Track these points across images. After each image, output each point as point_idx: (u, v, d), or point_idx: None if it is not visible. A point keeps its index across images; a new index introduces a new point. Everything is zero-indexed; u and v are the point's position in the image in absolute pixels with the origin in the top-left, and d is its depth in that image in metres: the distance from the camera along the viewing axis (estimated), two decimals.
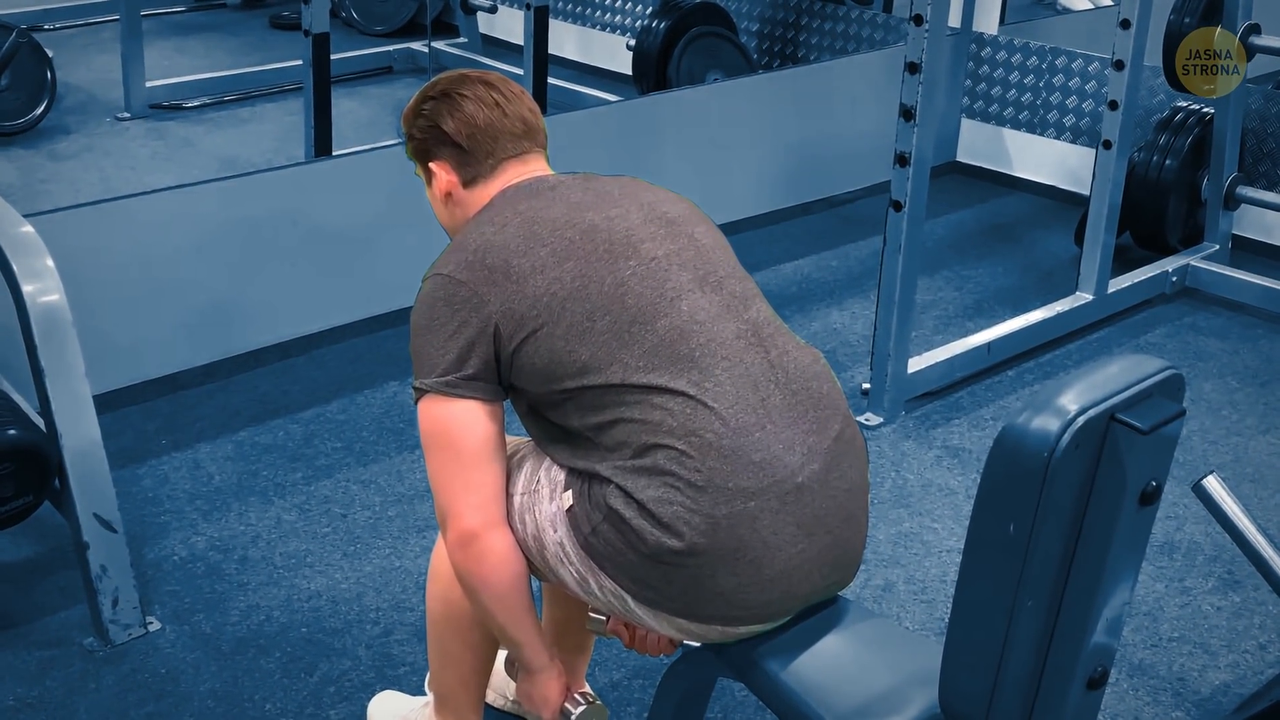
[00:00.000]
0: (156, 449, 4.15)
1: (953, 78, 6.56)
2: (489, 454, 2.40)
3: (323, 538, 3.76)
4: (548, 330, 2.34)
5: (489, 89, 2.61)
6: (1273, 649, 3.44)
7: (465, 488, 2.40)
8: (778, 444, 2.31)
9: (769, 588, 2.31)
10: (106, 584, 3.28)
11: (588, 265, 2.38)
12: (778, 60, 7.13)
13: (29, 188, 5.70)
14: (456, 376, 2.36)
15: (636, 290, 2.37)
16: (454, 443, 2.39)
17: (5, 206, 3.35)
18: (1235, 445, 4.37)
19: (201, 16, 8.50)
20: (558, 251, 2.39)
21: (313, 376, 4.61)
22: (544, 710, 2.60)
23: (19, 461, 3.14)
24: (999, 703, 2.03)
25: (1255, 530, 2.98)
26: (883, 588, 3.62)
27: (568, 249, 2.39)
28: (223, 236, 4.47)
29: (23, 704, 3.13)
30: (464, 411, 2.38)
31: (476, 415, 2.39)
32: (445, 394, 2.37)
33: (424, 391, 2.40)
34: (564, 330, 2.34)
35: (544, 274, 2.36)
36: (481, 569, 2.40)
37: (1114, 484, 1.91)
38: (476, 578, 2.42)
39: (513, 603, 2.45)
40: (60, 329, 3.19)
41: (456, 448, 2.39)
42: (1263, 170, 5.76)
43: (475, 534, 2.39)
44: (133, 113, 6.68)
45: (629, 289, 2.37)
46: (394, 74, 7.64)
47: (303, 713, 3.13)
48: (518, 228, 2.43)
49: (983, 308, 5.28)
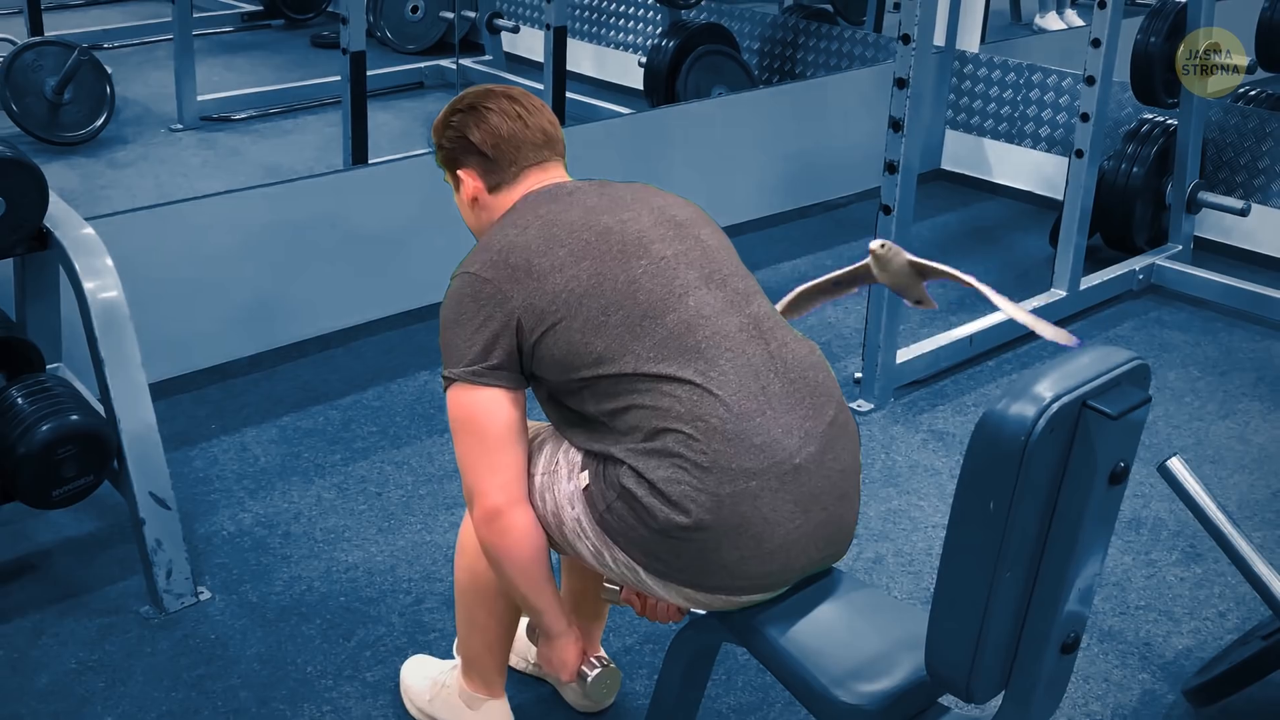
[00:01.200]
0: (207, 433, 4.16)
1: (938, 92, 6.54)
2: (512, 437, 2.41)
3: (359, 514, 3.76)
4: (566, 324, 2.34)
5: (512, 102, 2.61)
6: (1231, 616, 3.43)
7: (490, 469, 2.40)
8: (777, 428, 2.32)
9: (769, 560, 2.32)
10: (161, 557, 3.29)
11: (602, 264, 2.38)
12: (777, 76, 7.11)
13: (90, 193, 5.70)
14: (482, 366, 2.37)
15: (647, 287, 2.37)
16: (480, 427, 2.40)
17: (68, 210, 3.35)
18: (1197, 430, 4.36)
19: (248, 36, 8.49)
20: (575, 252, 2.39)
21: (350, 366, 4.61)
22: (562, 672, 2.61)
23: (81, 444, 3.14)
24: (980, 665, 2.03)
25: (1215, 507, 2.97)
26: (873, 560, 3.62)
27: (584, 249, 2.39)
28: (268, 238, 4.47)
29: (84, 666, 3.14)
30: (489, 398, 2.39)
31: (501, 402, 2.39)
32: (472, 382, 2.38)
33: (452, 380, 2.40)
34: (580, 324, 2.34)
35: (562, 272, 2.37)
36: (505, 543, 2.41)
37: (1085, 465, 1.91)
38: (501, 550, 2.43)
39: (534, 573, 2.46)
40: (119, 323, 3.19)
41: (482, 432, 2.40)
42: (1222, 177, 5.75)
43: (500, 511, 2.40)
44: (185, 124, 6.67)
45: (640, 286, 2.37)
46: (425, 89, 7.63)
47: (341, 674, 3.13)
48: (538, 230, 2.43)
49: (965, 303, 5.27)
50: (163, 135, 6.64)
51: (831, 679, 2.24)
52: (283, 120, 6.97)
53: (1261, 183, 5.66)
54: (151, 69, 7.39)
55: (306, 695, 3.06)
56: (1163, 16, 5.32)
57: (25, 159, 3.20)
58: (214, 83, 7.07)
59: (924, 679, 2.18)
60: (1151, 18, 5.37)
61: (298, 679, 3.12)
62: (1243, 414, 4.48)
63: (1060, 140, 6.28)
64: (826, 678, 2.25)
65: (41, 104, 6.20)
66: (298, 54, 8.21)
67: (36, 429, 3.09)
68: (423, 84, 7.67)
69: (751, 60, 7.12)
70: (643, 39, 7.54)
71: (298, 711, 3.01)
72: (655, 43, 6.96)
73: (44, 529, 3.64)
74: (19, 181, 3.17)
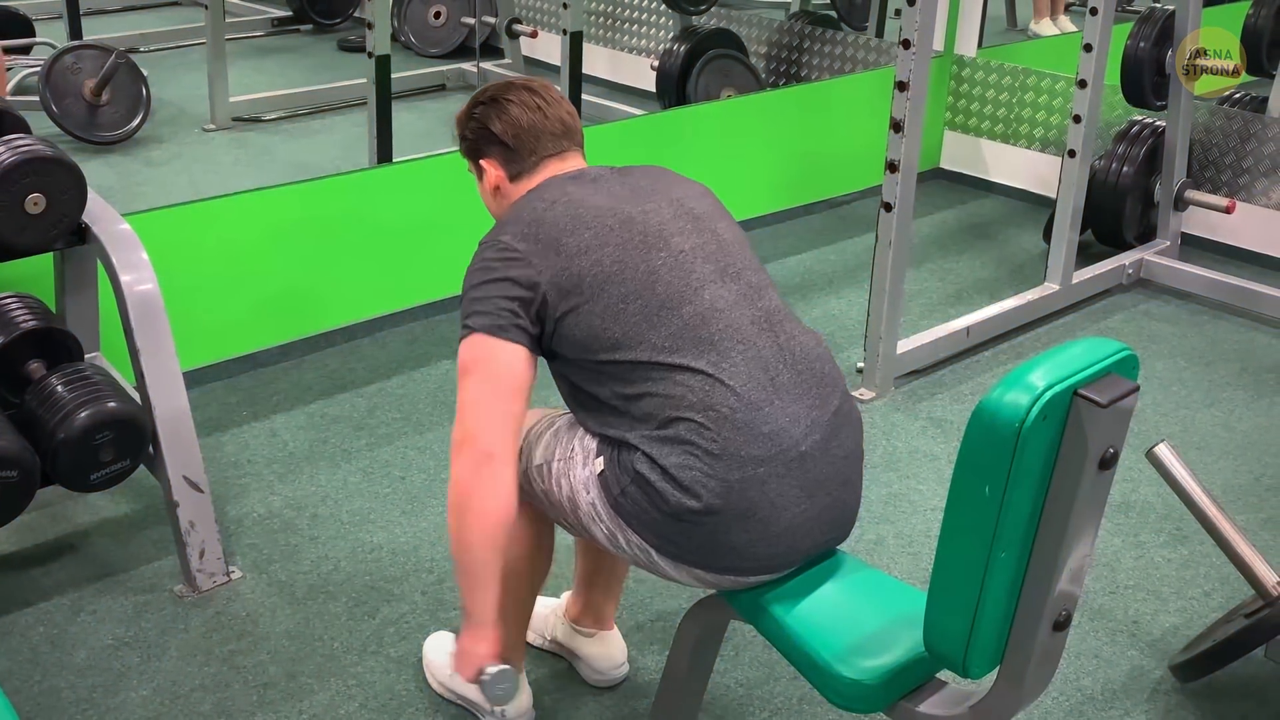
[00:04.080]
0: (238, 419, 4.16)
1: (936, 95, 6.53)
2: (520, 393, 2.35)
3: (384, 497, 3.76)
4: (588, 308, 2.34)
5: (531, 94, 2.61)
6: (1216, 596, 3.43)
7: (496, 415, 2.33)
8: (784, 417, 2.31)
9: (776, 542, 2.32)
10: (194, 538, 3.29)
11: (624, 252, 2.37)
12: (783, 79, 7.10)
13: (127, 190, 5.70)
14: (507, 322, 2.33)
15: (666, 279, 2.37)
16: (495, 374, 2.34)
17: (106, 206, 3.35)
18: (1183, 417, 4.35)
19: (278, 40, 8.49)
20: (600, 235, 2.38)
21: (375, 356, 4.61)
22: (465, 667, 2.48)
23: (118, 430, 3.14)
24: (976, 642, 2.03)
25: (1201, 492, 2.97)
26: (875, 542, 3.61)
27: (608, 235, 2.39)
28: (297, 233, 4.47)
29: (120, 643, 3.14)
30: (509, 350, 2.34)
31: (518, 357, 2.34)
32: (492, 334, 2.33)
33: (473, 329, 2.35)
34: (601, 309, 2.34)
35: (588, 255, 2.36)
36: (486, 490, 2.31)
37: (1076, 451, 1.91)
38: (477, 499, 2.32)
39: (497, 538, 2.35)
40: (154, 314, 3.19)
41: (496, 379, 2.34)
42: (1208, 176, 5.73)
43: (492, 456, 2.31)
44: (218, 124, 6.68)
45: (659, 277, 2.37)
46: (447, 91, 7.63)
47: (366, 650, 3.13)
48: (565, 208, 2.42)
49: (963, 296, 5.26)
50: (196, 135, 6.64)
51: (834, 655, 2.24)
52: (311, 120, 6.97)
53: (1246, 181, 5.65)
54: (185, 72, 7.39)
55: (333, 670, 3.07)
56: (1152, 22, 5.33)
57: (65, 158, 3.20)
58: (245, 85, 7.07)
59: (922, 655, 2.18)
60: (1141, 24, 5.38)
61: (324, 654, 3.12)
62: (1227, 402, 4.47)
63: (1053, 141, 6.27)
64: (829, 653, 2.24)
65: (80, 105, 6.21)
66: (325, 57, 8.22)
67: (75, 415, 3.09)
68: (445, 86, 7.67)
69: (759, 64, 7.11)
70: (655, 43, 7.53)
71: (324, 685, 3.02)
72: (667, 47, 6.96)
73: (83, 511, 3.64)
74: (59, 179, 3.17)
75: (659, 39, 7.50)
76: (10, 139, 3.19)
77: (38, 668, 3.05)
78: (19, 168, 3.10)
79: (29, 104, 6.07)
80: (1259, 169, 5.60)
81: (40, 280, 3.63)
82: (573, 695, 3.01)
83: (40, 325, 3.35)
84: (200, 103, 6.75)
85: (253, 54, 8.14)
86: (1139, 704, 3.04)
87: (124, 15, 8.82)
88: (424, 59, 7.92)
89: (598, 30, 7.86)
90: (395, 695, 2.99)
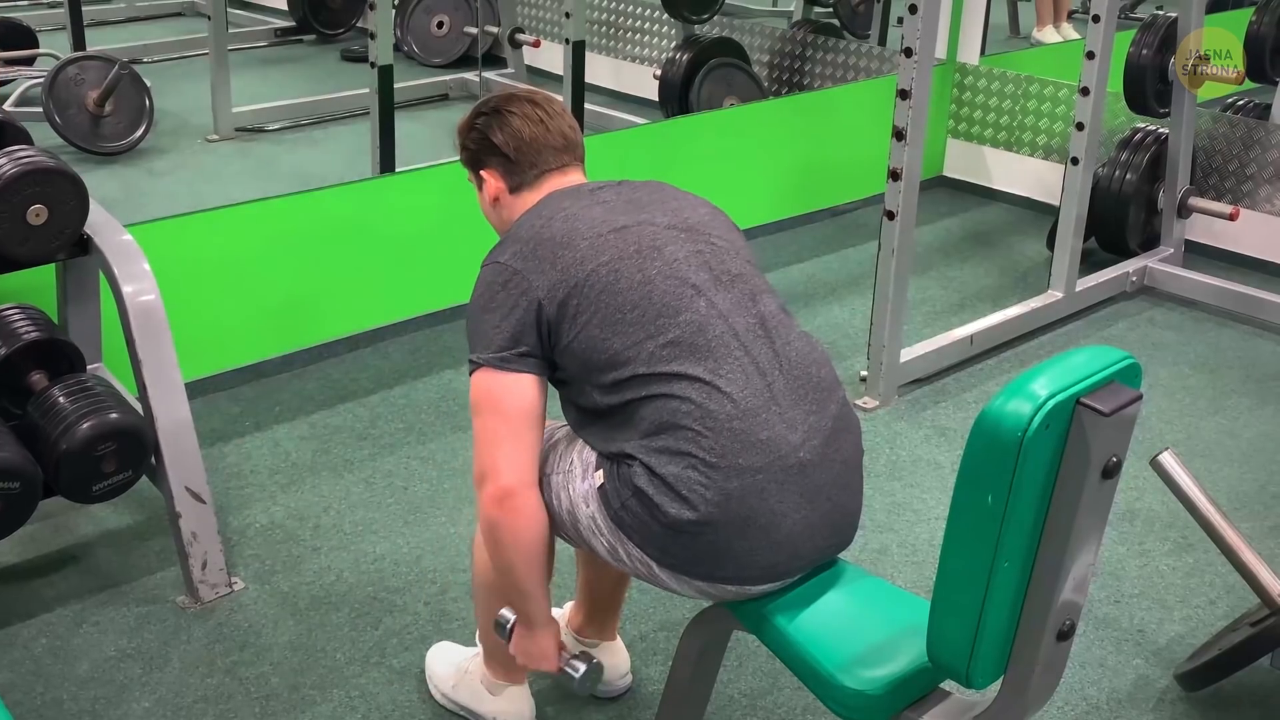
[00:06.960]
0: (240, 429, 4.15)
1: (939, 103, 6.53)
2: (533, 421, 2.38)
3: (386, 507, 3.75)
4: (585, 319, 2.34)
5: (534, 107, 2.62)
6: (1221, 604, 3.42)
7: (509, 449, 2.37)
8: (782, 424, 2.31)
9: (777, 550, 2.31)
10: (196, 549, 3.28)
11: (620, 263, 2.37)
12: (785, 88, 7.10)
13: (130, 200, 5.70)
14: (510, 353, 2.36)
15: (661, 287, 2.36)
16: (502, 409, 2.37)
17: (108, 217, 3.35)
18: (1188, 425, 4.34)
19: (281, 50, 8.49)
20: (595, 246, 2.38)
21: (377, 365, 4.61)
22: (543, 663, 2.57)
23: (120, 441, 3.14)
24: (979, 652, 2.02)
25: (1206, 500, 2.96)
26: (878, 551, 3.61)
27: (603, 246, 2.39)
28: (299, 243, 4.47)
29: (123, 654, 3.13)
30: (515, 382, 2.37)
31: (524, 387, 2.37)
32: (498, 367, 2.36)
33: (479, 364, 2.38)
34: (599, 320, 2.33)
35: (583, 266, 2.36)
36: (515, 523, 2.38)
37: (1080, 459, 1.90)
38: (509, 531, 2.39)
39: (535, 557, 2.43)
40: (156, 324, 3.19)
41: (504, 414, 2.37)
42: (1211, 183, 5.72)
43: (513, 491, 2.36)
44: (221, 135, 6.68)
45: (655, 286, 2.36)
46: (449, 100, 7.63)
47: (369, 661, 3.13)
48: (561, 223, 2.43)
49: (966, 304, 5.26)
50: (199, 145, 6.65)
51: (837, 665, 2.23)
52: (314, 130, 6.98)
53: (1249, 188, 5.64)
54: (188, 82, 7.39)
55: (335, 681, 3.06)
56: (1154, 30, 5.34)
57: (67, 169, 3.20)
58: (248, 95, 7.07)
59: (926, 665, 2.17)
60: (1143, 31, 5.39)
61: (327, 665, 3.11)
62: (1231, 410, 4.46)
63: (1056, 148, 6.27)
64: (833, 664, 2.24)
65: (84, 116, 6.21)
66: (328, 67, 8.22)
67: (78, 427, 3.09)
68: (448, 96, 7.67)
69: (761, 72, 7.11)
70: (657, 52, 7.53)
71: (327, 697, 3.01)
72: (669, 56, 6.96)
73: (85, 522, 3.64)
74: (61, 190, 3.17)
75: (662, 48, 7.50)
76: (12, 150, 3.19)
77: (40, 679, 3.04)
78: (21, 179, 3.10)
79: (32, 115, 6.06)
80: (1263, 175, 5.59)
81: (42, 291, 3.63)
82: (575, 706, 3.00)
83: (42, 336, 3.34)
84: (203, 113, 6.75)
85: (256, 64, 8.14)
86: (1144, 713, 3.03)
87: (127, 26, 8.83)
88: (427, 69, 7.93)
89: (600, 39, 7.86)
90: (398, 706, 2.98)
